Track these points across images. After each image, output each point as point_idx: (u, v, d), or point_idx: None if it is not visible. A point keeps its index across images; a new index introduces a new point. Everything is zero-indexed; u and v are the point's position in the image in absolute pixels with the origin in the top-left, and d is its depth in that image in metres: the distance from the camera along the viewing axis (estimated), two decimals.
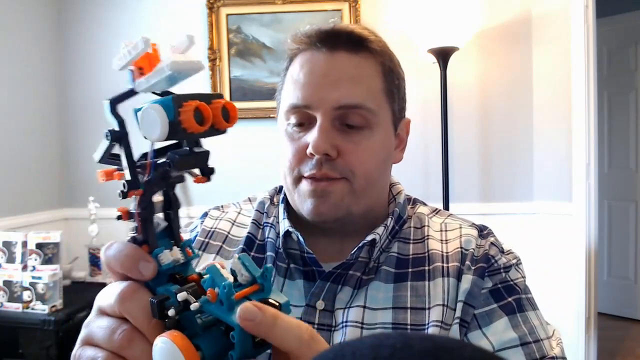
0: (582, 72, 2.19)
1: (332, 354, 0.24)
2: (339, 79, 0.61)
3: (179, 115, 0.30)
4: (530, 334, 0.59)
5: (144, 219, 0.34)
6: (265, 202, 0.73)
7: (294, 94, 0.62)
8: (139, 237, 0.34)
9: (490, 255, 0.64)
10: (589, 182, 2.23)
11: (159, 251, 0.34)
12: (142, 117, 0.31)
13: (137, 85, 0.32)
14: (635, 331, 3.26)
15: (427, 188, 2.37)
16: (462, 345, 0.24)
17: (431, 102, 2.33)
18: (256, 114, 2.38)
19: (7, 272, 1.81)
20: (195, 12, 2.43)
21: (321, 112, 0.60)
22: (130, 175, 0.32)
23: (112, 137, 0.33)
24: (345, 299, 0.62)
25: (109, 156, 0.34)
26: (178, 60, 0.31)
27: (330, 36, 0.62)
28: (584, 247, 2.21)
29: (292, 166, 0.63)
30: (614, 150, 3.53)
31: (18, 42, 2.26)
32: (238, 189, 2.35)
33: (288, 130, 0.64)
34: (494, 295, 0.61)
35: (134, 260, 0.33)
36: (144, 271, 0.33)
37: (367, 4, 2.36)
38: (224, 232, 0.70)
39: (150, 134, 0.30)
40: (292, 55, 0.65)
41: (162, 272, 0.34)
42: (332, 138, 0.60)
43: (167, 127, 0.30)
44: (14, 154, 2.21)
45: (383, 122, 0.64)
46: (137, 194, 0.33)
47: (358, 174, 0.61)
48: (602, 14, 3.00)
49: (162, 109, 0.30)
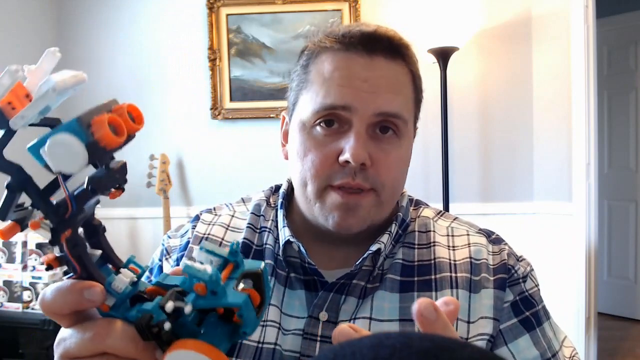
0: (582, 72, 2.19)
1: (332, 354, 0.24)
2: (380, 85, 0.58)
3: (93, 135, 0.27)
4: (548, 349, 0.61)
5: (78, 257, 0.31)
6: (261, 204, 0.70)
7: (328, 94, 0.58)
8: (82, 276, 0.31)
9: (509, 265, 0.63)
10: (589, 182, 2.23)
11: (111, 279, 0.32)
12: (51, 152, 0.27)
13: (13, 123, 0.27)
14: (635, 331, 3.26)
15: (427, 188, 2.37)
16: (462, 345, 0.24)
17: (431, 102, 2.32)
18: (256, 114, 2.38)
19: (7, 272, 1.81)
20: (195, 12, 2.43)
21: (359, 117, 0.57)
22: (55, 221, 0.29)
23: (15, 188, 0.29)
24: (350, 310, 0.60)
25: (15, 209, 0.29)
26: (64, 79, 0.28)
27: (372, 40, 0.59)
28: (584, 247, 2.21)
29: (320, 174, 0.58)
30: (614, 150, 3.53)
31: (18, 42, 2.26)
32: (238, 189, 2.35)
33: (313, 132, 0.59)
34: (514, 310, 0.61)
35: (76, 292, 0.31)
36: (93, 297, 0.31)
37: (367, 4, 2.36)
38: (218, 239, 0.67)
39: (68, 167, 0.27)
40: (317, 52, 0.61)
41: (123, 298, 0.32)
42: (368, 146, 0.57)
43: (85, 152, 0.27)
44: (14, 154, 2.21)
45: (410, 131, 0.63)
46: (67, 234, 0.30)
47: (387, 185, 0.59)
48: (602, 14, 3.00)
49: (72, 135, 0.27)
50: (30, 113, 0.27)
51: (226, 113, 2.41)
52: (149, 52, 2.47)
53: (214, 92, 2.41)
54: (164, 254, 0.69)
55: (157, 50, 2.47)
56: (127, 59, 2.47)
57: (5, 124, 0.27)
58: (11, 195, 0.29)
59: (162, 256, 0.69)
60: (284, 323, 0.59)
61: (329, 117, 0.58)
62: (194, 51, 2.44)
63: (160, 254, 0.70)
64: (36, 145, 0.27)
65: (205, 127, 2.46)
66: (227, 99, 2.42)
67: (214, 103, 2.42)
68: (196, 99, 2.45)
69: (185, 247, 0.67)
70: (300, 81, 0.63)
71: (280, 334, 0.59)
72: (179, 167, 2.46)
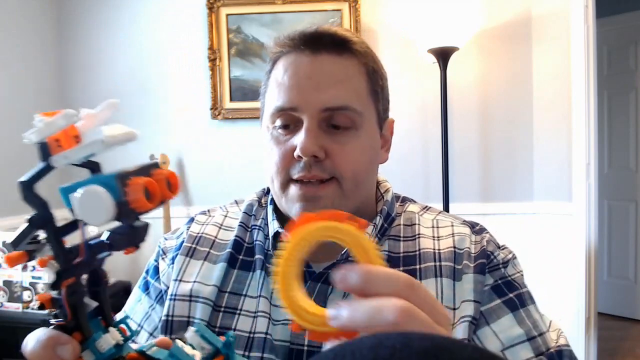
0: (582, 72, 2.19)
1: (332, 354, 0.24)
2: (324, 81, 0.61)
3: (126, 195, 0.27)
4: (534, 328, 0.60)
5: (73, 305, 0.30)
6: (253, 204, 0.73)
7: (279, 97, 0.62)
8: (70, 324, 0.31)
9: (488, 251, 0.64)
10: (589, 182, 2.23)
11: (97, 337, 0.31)
12: (82, 201, 0.27)
13: (55, 160, 0.29)
14: (635, 331, 3.26)
15: (427, 188, 2.37)
16: (462, 345, 0.24)
17: (431, 102, 2.33)
18: (256, 114, 2.37)
19: (7, 272, 1.81)
20: (195, 12, 2.43)
21: (307, 115, 0.60)
22: (63, 264, 0.29)
23: (36, 224, 0.29)
24: (337, 300, 0.61)
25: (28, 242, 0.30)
26: (115, 134, 0.28)
27: (313, 38, 0.62)
28: (584, 247, 2.21)
29: (280, 170, 0.62)
30: (614, 150, 3.52)
31: (18, 42, 2.26)
32: (238, 189, 2.35)
33: (274, 133, 0.63)
34: (496, 292, 0.62)
35: (50, 347, 0.30)
36: (64, 355, 0.30)
37: (367, 4, 2.36)
38: (211, 237, 0.70)
39: (92, 219, 0.27)
40: (275, 58, 0.65)
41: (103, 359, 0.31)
42: (320, 140, 0.60)
43: (113, 209, 0.27)
44: (14, 154, 2.21)
45: (369, 122, 0.65)
46: (70, 282, 0.30)
47: (346, 175, 0.61)
48: (602, 14, 3.00)
49: (107, 190, 0.27)
50: (74, 156, 0.28)
51: (226, 113, 2.41)
52: (149, 52, 2.47)
53: (214, 92, 2.41)
54: (160, 254, 0.72)
55: (157, 50, 2.47)
56: (127, 59, 2.47)
57: (48, 159, 0.28)
58: (30, 229, 0.29)
59: (158, 257, 0.72)
60: (274, 314, 0.61)
61: (283, 120, 0.62)
62: (194, 51, 2.44)
63: (156, 255, 0.72)
64: (69, 188, 0.28)
65: (205, 127, 2.46)
66: (227, 99, 2.42)
67: (214, 103, 2.42)
68: (196, 99, 2.45)
69: (179, 247, 0.69)
70: (263, 88, 0.67)
71: (270, 324, 0.61)
72: (179, 167, 2.46)
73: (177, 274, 0.67)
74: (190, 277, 0.66)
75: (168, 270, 0.68)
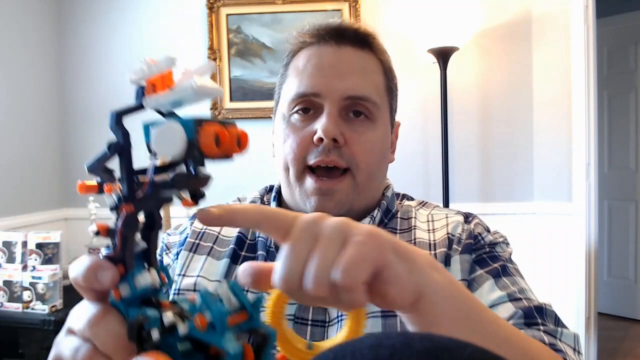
0: (582, 72, 2.19)
1: (332, 354, 0.24)
2: (347, 71, 0.63)
3: (199, 137, 0.30)
4: (519, 293, 0.59)
5: (125, 237, 0.31)
6: (255, 201, 0.74)
7: (300, 84, 0.63)
8: (117, 257, 0.32)
9: (476, 232, 0.66)
10: (589, 182, 2.23)
11: (137, 271, 0.32)
12: (160, 133, 0.30)
13: (147, 101, 0.31)
14: (635, 331, 3.26)
15: (427, 188, 2.37)
16: (462, 345, 0.24)
17: (431, 102, 2.32)
18: (256, 114, 2.38)
19: (7, 272, 1.81)
20: (195, 12, 2.43)
21: (329, 101, 0.62)
22: (127, 189, 0.31)
23: (114, 150, 0.31)
24: None
25: (102, 168, 0.32)
26: (205, 85, 0.31)
27: (338, 31, 0.65)
28: (584, 247, 2.21)
29: (297, 156, 0.63)
30: (614, 150, 3.52)
31: (18, 42, 2.26)
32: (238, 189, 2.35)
33: (291, 120, 0.64)
34: (479, 264, 0.62)
35: (92, 269, 0.31)
36: (102, 279, 0.31)
37: (367, 4, 2.36)
38: (214, 233, 0.70)
39: (165, 151, 0.30)
40: (297, 49, 0.67)
41: (137, 294, 0.32)
42: (340, 126, 0.62)
43: (185, 146, 0.30)
44: (14, 154, 2.21)
45: (384, 117, 0.66)
46: (128, 209, 0.31)
47: (361, 166, 0.62)
48: (602, 14, 3.00)
49: (183, 127, 0.30)
50: (164, 100, 0.31)
51: (226, 113, 2.41)
52: (149, 52, 2.47)
53: None
54: (164, 249, 0.73)
55: (157, 50, 2.47)
56: (127, 58, 2.47)
57: (141, 99, 0.31)
58: (107, 153, 0.31)
59: (161, 252, 0.73)
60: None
61: (304, 105, 0.64)
62: (194, 51, 2.44)
63: (160, 250, 0.73)
64: (151, 124, 0.31)
65: None
66: (227, 99, 2.42)
67: (214, 103, 2.42)
68: None
69: (183, 243, 0.70)
70: (281, 78, 0.69)
71: None
72: None
73: (180, 268, 0.67)
74: (193, 271, 0.66)
75: (172, 266, 0.69)
